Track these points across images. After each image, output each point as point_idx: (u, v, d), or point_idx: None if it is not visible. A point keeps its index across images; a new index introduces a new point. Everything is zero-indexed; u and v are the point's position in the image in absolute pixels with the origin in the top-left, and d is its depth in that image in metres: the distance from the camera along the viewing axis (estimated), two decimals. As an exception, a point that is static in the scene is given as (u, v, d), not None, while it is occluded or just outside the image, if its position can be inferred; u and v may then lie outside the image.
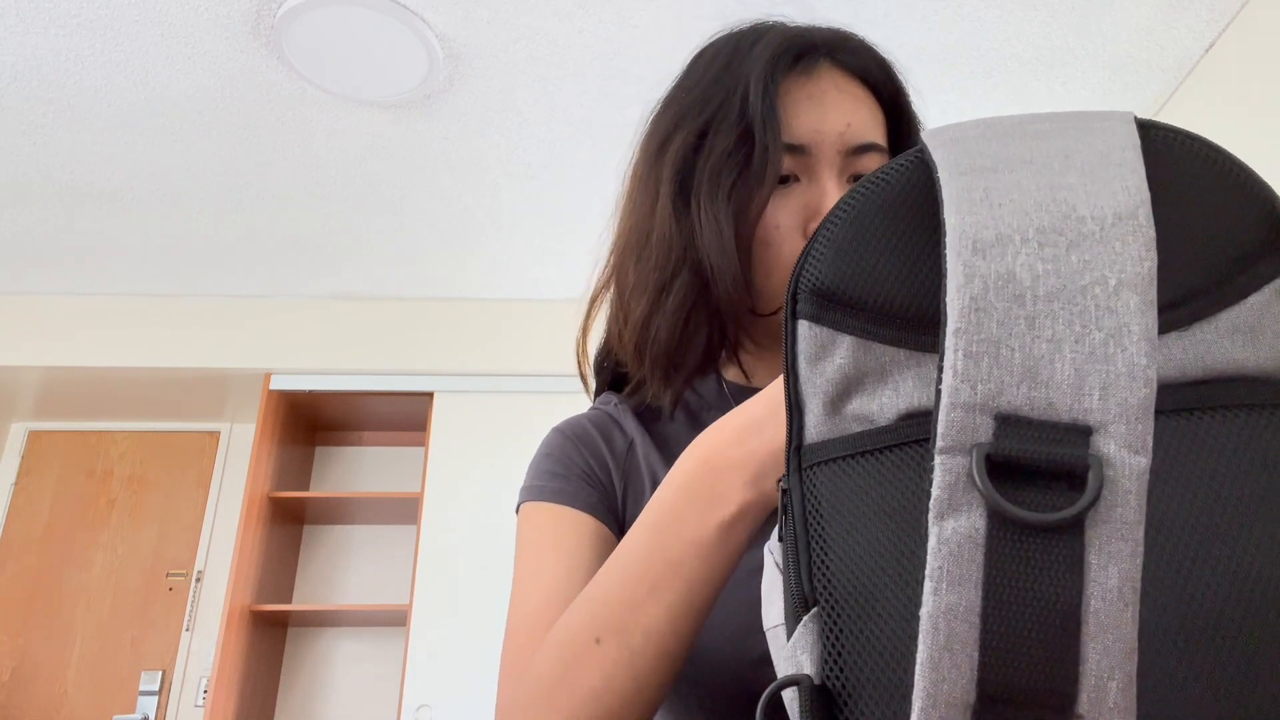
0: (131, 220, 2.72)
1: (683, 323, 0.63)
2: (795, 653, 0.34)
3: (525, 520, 0.65)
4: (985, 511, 0.29)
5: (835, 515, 0.34)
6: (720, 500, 0.46)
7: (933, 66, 2.14)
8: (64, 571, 3.22)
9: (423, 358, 3.08)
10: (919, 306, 0.33)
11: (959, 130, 0.34)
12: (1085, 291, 0.29)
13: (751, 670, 0.57)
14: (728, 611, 0.58)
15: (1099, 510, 0.28)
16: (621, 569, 0.49)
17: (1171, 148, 0.32)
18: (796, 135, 0.63)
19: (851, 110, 0.65)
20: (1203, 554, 0.29)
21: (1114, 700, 0.28)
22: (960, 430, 0.29)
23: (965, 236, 0.30)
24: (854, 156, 0.64)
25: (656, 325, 0.64)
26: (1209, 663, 0.28)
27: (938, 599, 0.29)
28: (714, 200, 0.62)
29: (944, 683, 0.28)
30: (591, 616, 0.49)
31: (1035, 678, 0.28)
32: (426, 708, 2.74)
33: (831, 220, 0.36)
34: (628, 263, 0.67)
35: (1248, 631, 0.28)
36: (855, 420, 0.35)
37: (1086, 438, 0.28)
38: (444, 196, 2.61)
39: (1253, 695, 0.28)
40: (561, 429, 0.70)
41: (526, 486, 0.67)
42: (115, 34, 2.03)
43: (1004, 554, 0.29)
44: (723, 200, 0.62)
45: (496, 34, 2.05)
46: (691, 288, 0.63)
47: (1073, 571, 0.28)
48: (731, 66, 0.65)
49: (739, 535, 0.47)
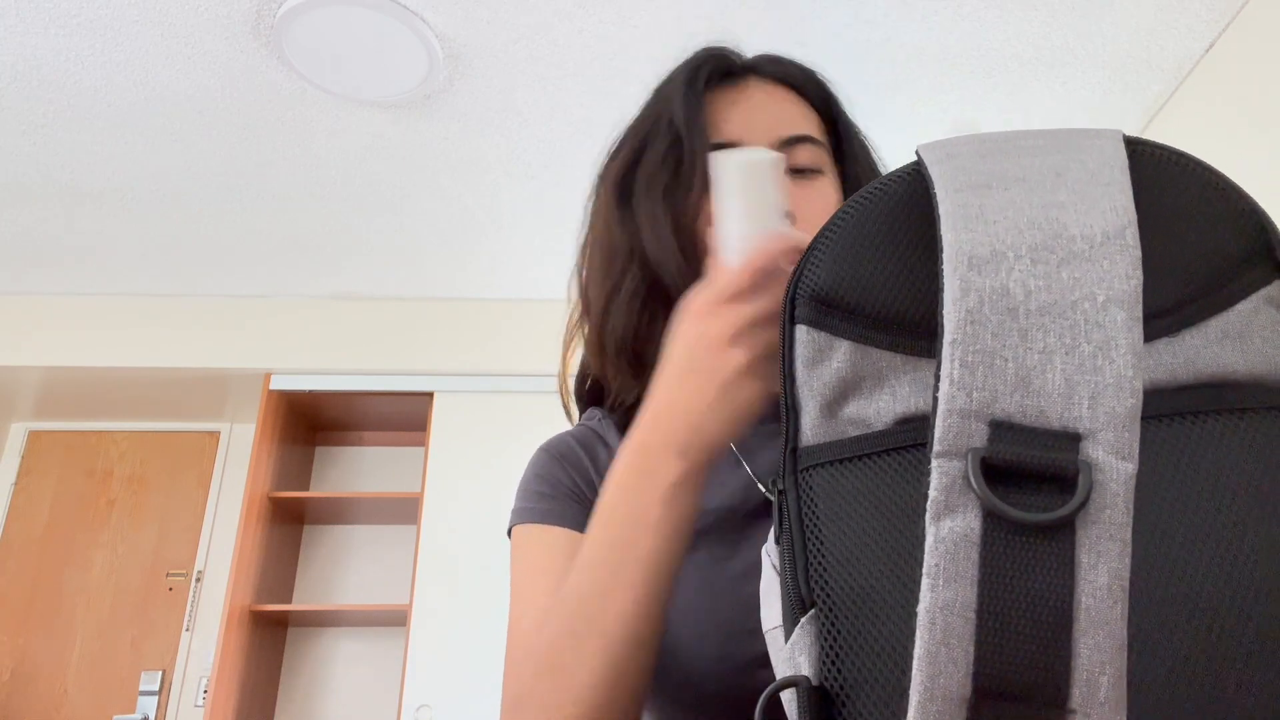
0: (131, 220, 2.73)
1: (637, 311, 0.66)
2: (793, 654, 0.34)
3: (517, 544, 0.67)
4: (980, 512, 0.30)
5: (832, 518, 0.34)
6: (655, 475, 0.51)
7: (933, 66, 2.15)
8: (64, 571, 3.23)
9: (423, 358, 3.08)
10: (915, 313, 0.34)
11: (953, 146, 0.35)
12: (1075, 306, 0.31)
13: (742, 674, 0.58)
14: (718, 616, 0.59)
15: (1089, 512, 0.29)
16: (586, 564, 0.52)
17: (1159, 165, 0.33)
18: (726, 134, 0.66)
19: (779, 109, 0.69)
20: (1193, 553, 0.30)
21: (1105, 695, 0.29)
22: (956, 435, 0.30)
23: (962, 252, 0.31)
24: (788, 149, 0.66)
25: (613, 316, 0.68)
26: (1197, 659, 0.29)
27: (935, 595, 0.30)
28: (651, 202, 0.66)
29: (940, 677, 0.29)
30: (568, 615, 0.52)
31: (1029, 672, 0.29)
32: (426, 708, 2.74)
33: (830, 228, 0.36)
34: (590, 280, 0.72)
35: (1236, 629, 0.29)
36: (852, 424, 0.35)
37: (1076, 444, 0.29)
38: (444, 196, 2.61)
39: (1240, 692, 0.29)
40: (547, 448, 0.72)
41: (516, 509, 0.69)
42: (115, 34, 2.03)
43: (998, 552, 0.29)
44: (658, 200, 0.65)
45: (496, 34, 2.05)
46: (641, 279, 0.66)
47: (1064, 570, 0.29)
48: (663, 90, 0.71)
49: (681, 505, 0.51)
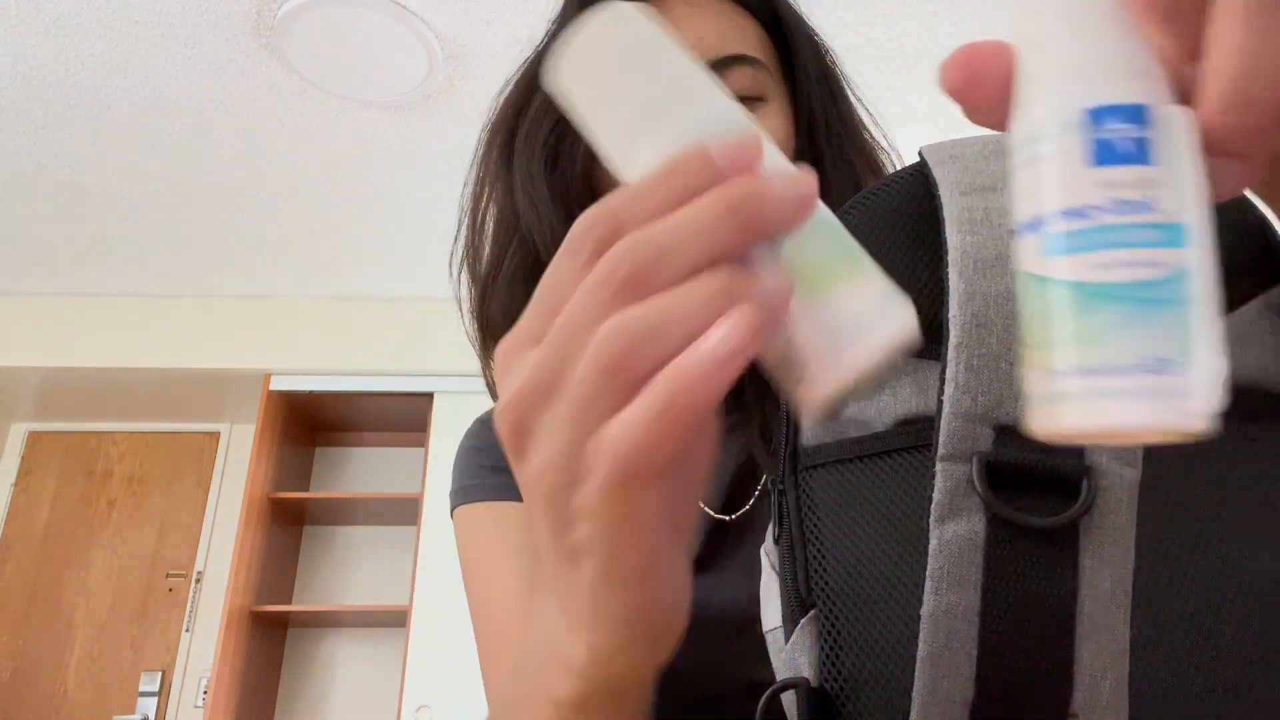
0: (131, 220, 2.73)
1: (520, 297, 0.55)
2: (793, 655, 0.34)
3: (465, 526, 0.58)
4: (984, 516, 0.30)
5: (832, 518, 0.34)
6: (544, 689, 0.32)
7: (934, 68, 2.15)
8: (64, 571, 3.22)
9: (423, 358, 3.08)
10: (918, 314, 0.34)
11: (957, 147, 0.35)
12: None
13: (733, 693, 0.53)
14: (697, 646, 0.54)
15: (1093, 517, 0.29)
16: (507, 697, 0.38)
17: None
18: None
19: (704, 23, 0.55)
20: (1195, 558, 0.30)
21: (1107, 699, 0.29)
22: (961, 439, 0.30)
23: (967, 256, 0.31)
24: (719, 74, 0.51)
25: (491, 301, 0.57)
26: (1199, 665, 0.29)
27: (938, 599, 0.30)
28: (527, 158, 0.53)
29: (944, 680, 0.29)
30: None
31: (1031, 676, 0.29)
32: (426, 708, 2.74)
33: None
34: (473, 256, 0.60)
35: (1237, 635, 0.29)
36: (852, 425, 0.35)
37: (1081, 449, 0.29)
38: (444, 196, 2.61)
39: (1242, 697, 0.29)
40: (483, 418, 0.64)
41: (458, 489, 0.60)
42: (115, 34, 2.03)
43: (1002, 556, 0.29)
44: (536, 157, 0.53)
45: (496, 34, 2.05)
46: (523, 257, 0.55)
47: (1068, 574, 0.29)
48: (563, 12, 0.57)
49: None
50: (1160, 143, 0.21)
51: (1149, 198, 0.20)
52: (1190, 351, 0.20)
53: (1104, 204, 0.21)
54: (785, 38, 0.58)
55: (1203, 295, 0.20)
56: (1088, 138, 0.21)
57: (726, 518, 0.57)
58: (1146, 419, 0.20)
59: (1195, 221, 0.20)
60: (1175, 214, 0.20)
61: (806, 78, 0.57)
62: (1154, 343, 0.20)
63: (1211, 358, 0.20)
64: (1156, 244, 0.20)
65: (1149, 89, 0.21)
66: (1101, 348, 0.20)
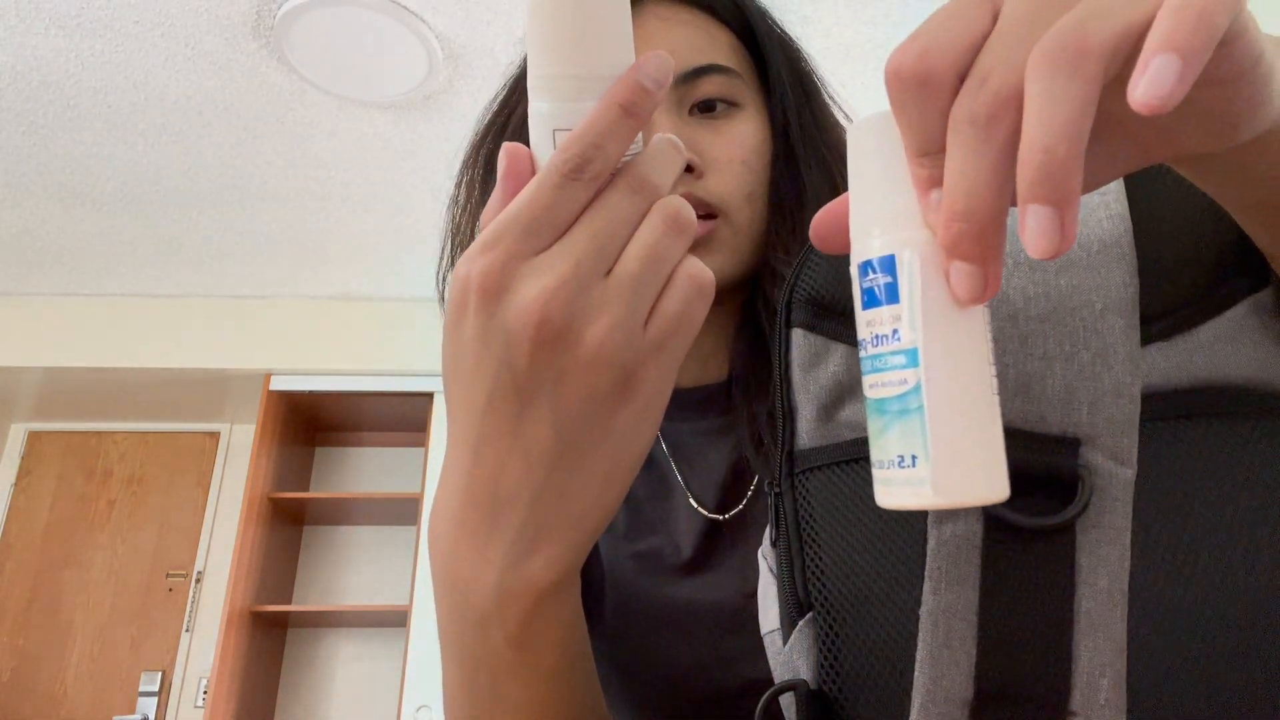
0: (131, 220, 2.73)
1: None
2: (792, 657, 0.34)
3: None
4: (981, 516, 0.30)
5: (828, 520, 0.34)
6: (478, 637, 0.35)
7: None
8: (64, 571, 3.23)
9: (423, 358, 3.08)
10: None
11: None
12: (1074, 314, 0.31)
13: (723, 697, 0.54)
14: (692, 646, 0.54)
15: (1089, 516, 0.29)
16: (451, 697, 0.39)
17: (1153, 172, 0.34)
18: None
19: (676, 35, 0.56)
20: (1189, 557, 0.30)
21: (1105, 697, 0.29)
22: (958, 439, 0.30)
23: None
24: (690, 84, 0.55)
25: None
26: (1196, 663, 0.29)
27: (937, 598, 0.30)
28: None
29: (943, 679, 0.29)
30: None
31: (1030, 675, 0.29)
32: (426, 708, 2.74)
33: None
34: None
35: (1235, 632, 0.29)
36: (848, 427, 0.35)
37: (1076, 449, 0.30)
38: (444, 196, 2.61)
39: (1239, 696, 0.29)
40: None
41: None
42: (115, 34, 2.03)
43: (1000, 556, 0.30)
44: None
45: (496, 34, 2.05)
46: None
47: (1065, 574, 0.29)
48: None
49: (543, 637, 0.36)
50: (903, 283, 0.27)
51: (896, 329, 0.27)
52: (925, 447, 0.26)
53: (869, 338, 0.27)
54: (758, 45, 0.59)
55: (935, 400, 0.26)
56: (860, 287, 0.28)
57: (720, 518, 0.57)
58: (909, 501, 0.26)
59: (923, 341, 0.26)
60: (912, 341, 0.26)
61: (780, 82, 0.59)
62: (902, 443, 0.26)
63: (938, 447, 0.26)
64: (902, 366, 0.27)
65: (904, 235, 0.27)
66: (881, 447, 0.27)
